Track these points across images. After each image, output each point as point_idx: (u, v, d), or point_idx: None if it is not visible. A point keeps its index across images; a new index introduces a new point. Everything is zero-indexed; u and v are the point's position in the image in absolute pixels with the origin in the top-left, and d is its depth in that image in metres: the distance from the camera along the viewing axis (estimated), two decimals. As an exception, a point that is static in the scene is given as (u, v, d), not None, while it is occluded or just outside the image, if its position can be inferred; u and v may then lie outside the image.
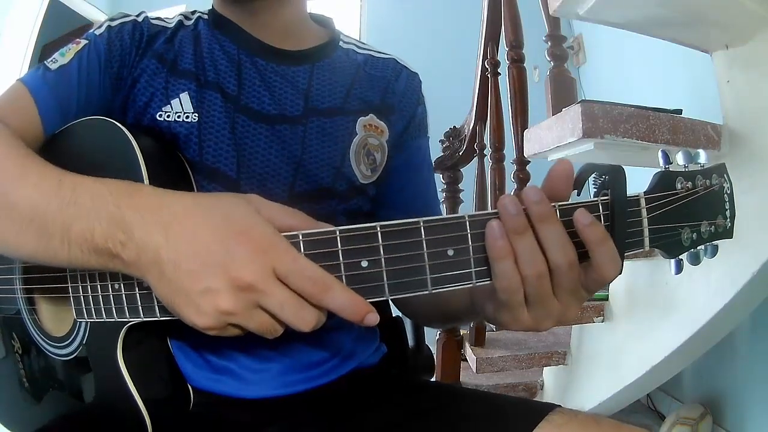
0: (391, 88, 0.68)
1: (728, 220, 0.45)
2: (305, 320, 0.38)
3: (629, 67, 2.52)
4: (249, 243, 0.37)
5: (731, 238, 0.45)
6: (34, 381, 0.60)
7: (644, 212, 0.41)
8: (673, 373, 1.41)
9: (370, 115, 0.66)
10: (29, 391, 0.60)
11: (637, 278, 1.35)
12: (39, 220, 0.42)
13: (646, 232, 0.42)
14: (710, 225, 0.44)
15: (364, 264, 0.39)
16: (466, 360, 1.70)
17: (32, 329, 0.59)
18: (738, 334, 1.55)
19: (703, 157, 0.43)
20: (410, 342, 0.83)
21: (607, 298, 1.46)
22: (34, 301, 0.59)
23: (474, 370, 1.60)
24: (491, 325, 1.67)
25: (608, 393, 1.44)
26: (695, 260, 0.44)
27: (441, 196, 2.05)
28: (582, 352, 1.58)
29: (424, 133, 0.73)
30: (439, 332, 1.66)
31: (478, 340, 1.65)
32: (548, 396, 1.76)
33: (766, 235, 0.97)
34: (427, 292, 0.39)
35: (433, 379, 0.97)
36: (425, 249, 0.39)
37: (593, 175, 0.42)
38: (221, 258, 0.37)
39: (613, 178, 0.40)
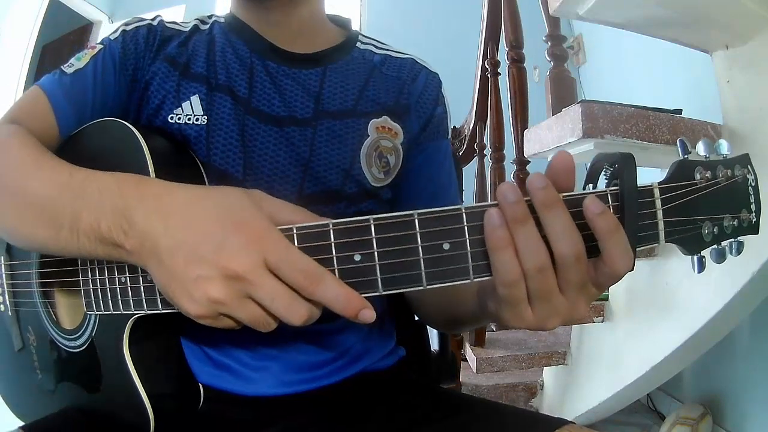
0: (407, 89, 0.67)
1: (753, 213, 0.41)
2: (297, 313, 0.37)
3: (629, 67, 2.52)
4: (242, 233, 0.38)
5: (757, 233, 0.41)
6: (46, 372, 0.61)
7: (659, 203, 0.38)
8: (673, 373, 1.41)
9: (384, 117, 0.65)
10: (42, 382, 0.62)
11: (637, 278, 1.35)
12: (50, 210, 0.44)
13: (661, 225, 0.38)
14: (733, 219, 0.40)
15: (357, 258, 0.38)
16: (466, 360, 1.70)
17: (47, 322, 0.60)
18: (738, 334, 1.55)
19: (725, 147, 0.40)
20: (435, 346, 0.82)
21: (607, 298, 1.46)
22: (50, 295, 0.61)
23: (474, 370, 1.60)
24: (491, 325, 1.66)
25: (608, 393, 1.44)
26: (720, 258, 0.40)
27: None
28: (582, 352, 1.58)
29: (444, 135, 0.71)
30: (439, 332, 1.66)
31: (478, 340, 1.65)
32: (548, 396, 1.76)
33: (766, 235, 0.97)
34: (422, 288, 0.38)
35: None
36: (419, 242, 0.38)
37: (604, 166, 0.40)
38: (214, 247, 0.37)
39: (622, 166, 0.37)
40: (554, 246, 0.37)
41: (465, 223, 0.38)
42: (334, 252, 0.38)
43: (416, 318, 0.78)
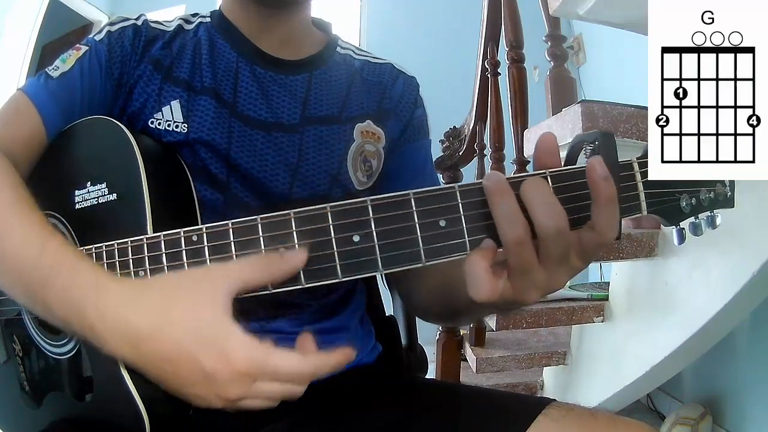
0: (388, 93, 0.68)
1: (728, 188, 0.44)
2: (300, 390, 0.43)
3: (629, 67, 2.52)
4: (226, 366, 0.39)
5: (732, 207, 0.44)
6: (34, 383, 0.59)
7: (638, 176, 0.41)
8: (673, 373, 1.41)
9: (367, 121, 0.66)
10: (30, 394, 0.59)
11: (637, 278, 1.35)
12: (24, 283, 0.44)
13: (643, 197, 0.42)
14: (709, 192, 0.43)
15: (356, 239, 0.39)
16: (466, 360, 1.70)
17: (32, 328, 0.58)
18: (738, 334, 1.55)
19: None
20: (403, 341, 0.83)
21: (607, 298, 1.45)
22: None
23: (474, 370, 1.60)
24: (491, 325, 1.66)
25: (608, 393, 1.44)
26: (697, 231, 0.44)
27: (441, 196, 2.05)
28: (582, 352, 1.58)
29: (425, 135, 0.72)
30: (439, 332, 1.66)
31: (478, 340, 1.65)
32: (548, 396, 1.75)
33: (766, 235, 0.97)
34: (421, 265, 0.39)
35: (432, 377, 0.97)
36: (416, 220, 0.39)
37: (583, 147, 0.42)
38: (201, 379, 0.40)
39: (602, 143, 0.40)
40: (535, 219, 0.37)
41: (459, 200, 0.39)
42: (332, 234, 0.39)
43: (387, 314, 0.80)
